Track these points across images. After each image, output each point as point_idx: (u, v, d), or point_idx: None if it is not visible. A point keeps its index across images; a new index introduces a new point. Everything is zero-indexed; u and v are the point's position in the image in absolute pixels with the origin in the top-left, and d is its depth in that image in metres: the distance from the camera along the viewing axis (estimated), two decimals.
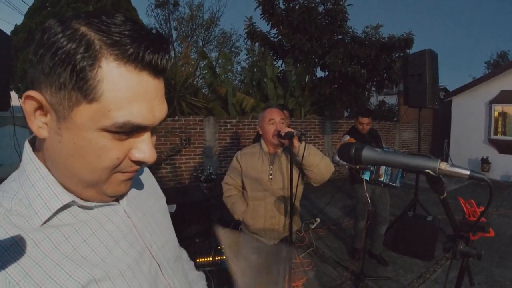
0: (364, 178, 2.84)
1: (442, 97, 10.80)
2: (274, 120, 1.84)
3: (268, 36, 8.31)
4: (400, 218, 3.74)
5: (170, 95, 6.77)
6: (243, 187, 2.01)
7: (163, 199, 0.77)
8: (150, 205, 0.68)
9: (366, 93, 9.00)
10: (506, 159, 8.19)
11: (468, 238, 0.92)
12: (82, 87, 0.39)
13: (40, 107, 0.42)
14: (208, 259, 2.57)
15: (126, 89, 0.41)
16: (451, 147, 9.51)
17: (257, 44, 8.63)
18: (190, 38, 17.89)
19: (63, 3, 4.87)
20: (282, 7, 7.93)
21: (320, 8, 7.88)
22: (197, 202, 3.51)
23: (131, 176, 0.51)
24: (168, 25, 17.03)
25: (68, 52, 0.38)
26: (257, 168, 1.91)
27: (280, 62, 8.63)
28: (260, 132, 1.94)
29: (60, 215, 0.48)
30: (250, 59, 17.29)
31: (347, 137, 3.21)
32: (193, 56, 17.39)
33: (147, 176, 0.75)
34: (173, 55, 16.87)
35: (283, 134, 1.72)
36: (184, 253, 0.87)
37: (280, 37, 8.15)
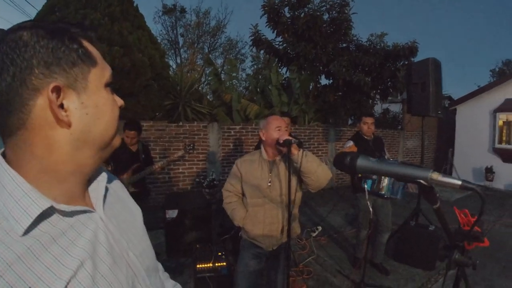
0: (365, 187, 2.81)
1: (447, 105, 10.75)
2: (281, 128, 1.88)
3: (273, 43, 8.38)
4: (402, 227, 3.73)
5: (176, 101, 6.82)
6: (243, 194, 2.04)
7: (138, 210, 0.78)
8: (125, 214, 0.69)
9: (371, 100, 9.00)
10: (511, 168, 8.13)
11: (463, 247, 0.93)
12: (87, 58, 0.54)
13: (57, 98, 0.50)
14: (208, 265, 2.58)
15: (97, 53, 0.58)
16: (455, 156, 9.45)
17: (262, 51, 8.71)
18: (196, 44, 18.04)
19: (72, 9, 4.95)
20: (288, 15, 8.01)
21: (325, 17, 7.95)
22: (199, 207, 3.52)
23: None
24: (174, 31, 17.20)
25: (60, 43, 0.51)
26: (257, 175, 1.94)
27: (284, 69, 8.69)
28: (263, 138, 1.95)
29: (40, 225, 0.48)
30: (255, 66, 17.43)
31: (351, 143, 3.19)
32: (199, 63, 17.54)
33: (120, 188, 0.76)
34: (179, 62, 17.04)
35: (281, 141, 1.75)
36: (159, 265, 0.86)
37: (285, 44, 8.22)
